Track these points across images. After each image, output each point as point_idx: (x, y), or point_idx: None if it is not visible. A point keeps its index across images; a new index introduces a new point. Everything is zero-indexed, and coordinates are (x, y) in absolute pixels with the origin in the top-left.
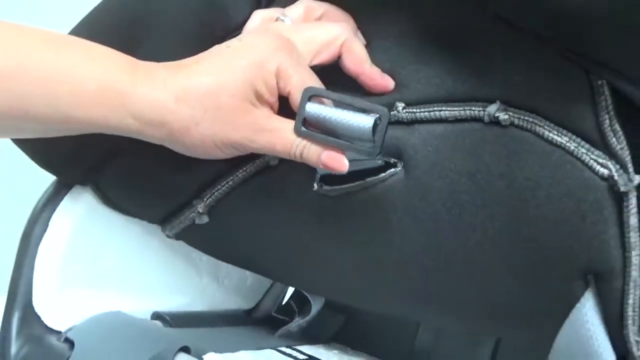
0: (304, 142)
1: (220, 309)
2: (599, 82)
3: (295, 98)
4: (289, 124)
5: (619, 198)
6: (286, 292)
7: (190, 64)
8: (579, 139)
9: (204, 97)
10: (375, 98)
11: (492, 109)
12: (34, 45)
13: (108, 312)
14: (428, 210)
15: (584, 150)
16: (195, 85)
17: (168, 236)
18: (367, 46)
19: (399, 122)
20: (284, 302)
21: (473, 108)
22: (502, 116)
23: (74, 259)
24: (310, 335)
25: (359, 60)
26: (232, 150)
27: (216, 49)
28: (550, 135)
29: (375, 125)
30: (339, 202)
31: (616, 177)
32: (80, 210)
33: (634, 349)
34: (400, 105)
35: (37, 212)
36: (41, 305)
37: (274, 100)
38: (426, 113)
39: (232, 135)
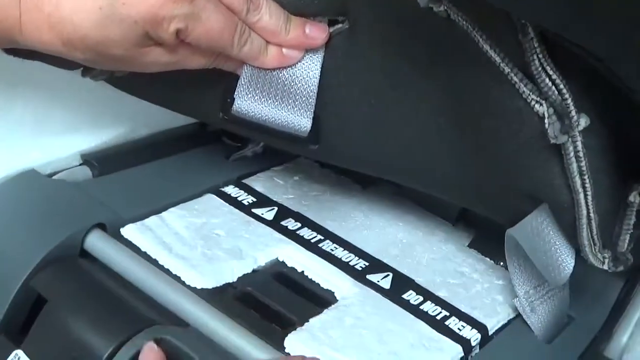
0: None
1: (170, 126)
2: (522, 21)
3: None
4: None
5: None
6: None
7: (72, 13)
8: (511, 64)
9: (93, 47)
10: None
11: None
12: None
13: (21, 174)
14: (371, 80)
15: (516, 79)
16: (80, 38)
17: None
18: None
19: None
20: None
21: None
22: (436, 8)
23: None
24: (269, 159)
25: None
26: None
27: None
28: (485, 46)
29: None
30: None
31: (547, 125)
32: None
33: (599, 266)
34: None
35: None
36: None
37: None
38: None
39: (138, 70)
